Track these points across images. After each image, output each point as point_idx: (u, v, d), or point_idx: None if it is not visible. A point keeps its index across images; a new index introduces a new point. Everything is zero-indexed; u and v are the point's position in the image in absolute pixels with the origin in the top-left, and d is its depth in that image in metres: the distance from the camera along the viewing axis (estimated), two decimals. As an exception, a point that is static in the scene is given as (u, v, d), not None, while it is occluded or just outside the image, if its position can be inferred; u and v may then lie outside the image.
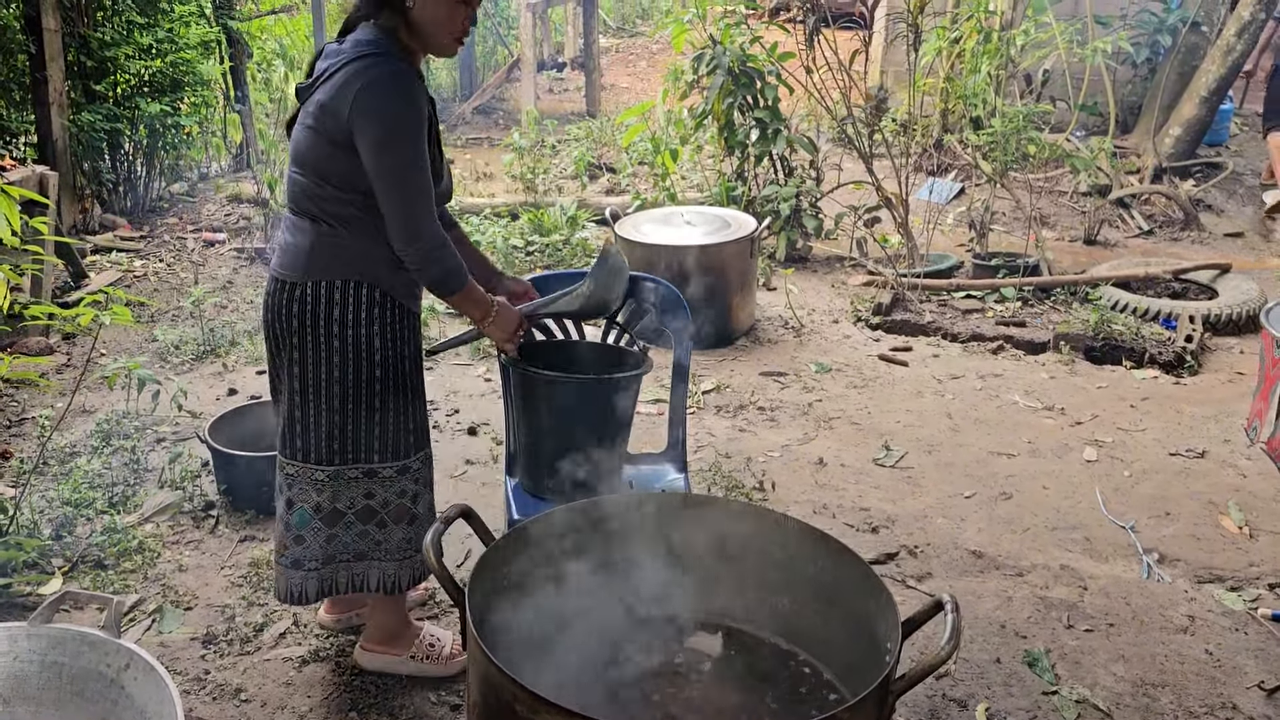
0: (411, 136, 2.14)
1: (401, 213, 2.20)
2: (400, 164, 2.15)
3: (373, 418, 2.40)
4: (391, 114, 2.12)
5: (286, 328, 2.36)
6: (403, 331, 2.40)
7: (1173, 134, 7.67)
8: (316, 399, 2.38)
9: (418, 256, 2.23)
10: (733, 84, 5.93)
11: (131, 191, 6.85)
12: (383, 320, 2.35)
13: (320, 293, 2.31)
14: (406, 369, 2.43)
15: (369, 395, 2.38)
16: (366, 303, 2.32)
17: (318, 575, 2.50)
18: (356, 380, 2.36)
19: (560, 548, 1.93)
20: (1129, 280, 5.68)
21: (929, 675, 1.60)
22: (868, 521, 3.57)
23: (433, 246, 2.24)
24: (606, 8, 14.64)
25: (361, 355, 2.35)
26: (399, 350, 2.40)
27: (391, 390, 2.40)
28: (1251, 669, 2.83)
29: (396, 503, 2.48)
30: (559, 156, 8.42)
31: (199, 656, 2.85)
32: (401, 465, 2.47)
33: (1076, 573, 3.28)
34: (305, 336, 2.34)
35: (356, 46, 2.19)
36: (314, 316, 2.33)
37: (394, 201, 2.19)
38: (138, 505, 3.58)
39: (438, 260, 2.26)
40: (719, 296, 5.00)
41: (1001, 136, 6.31)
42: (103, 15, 6.50)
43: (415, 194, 2.18)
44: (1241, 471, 3.93)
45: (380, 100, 2.11)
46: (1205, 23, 7.88)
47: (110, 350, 4.96)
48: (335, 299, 2.30)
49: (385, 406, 2.40)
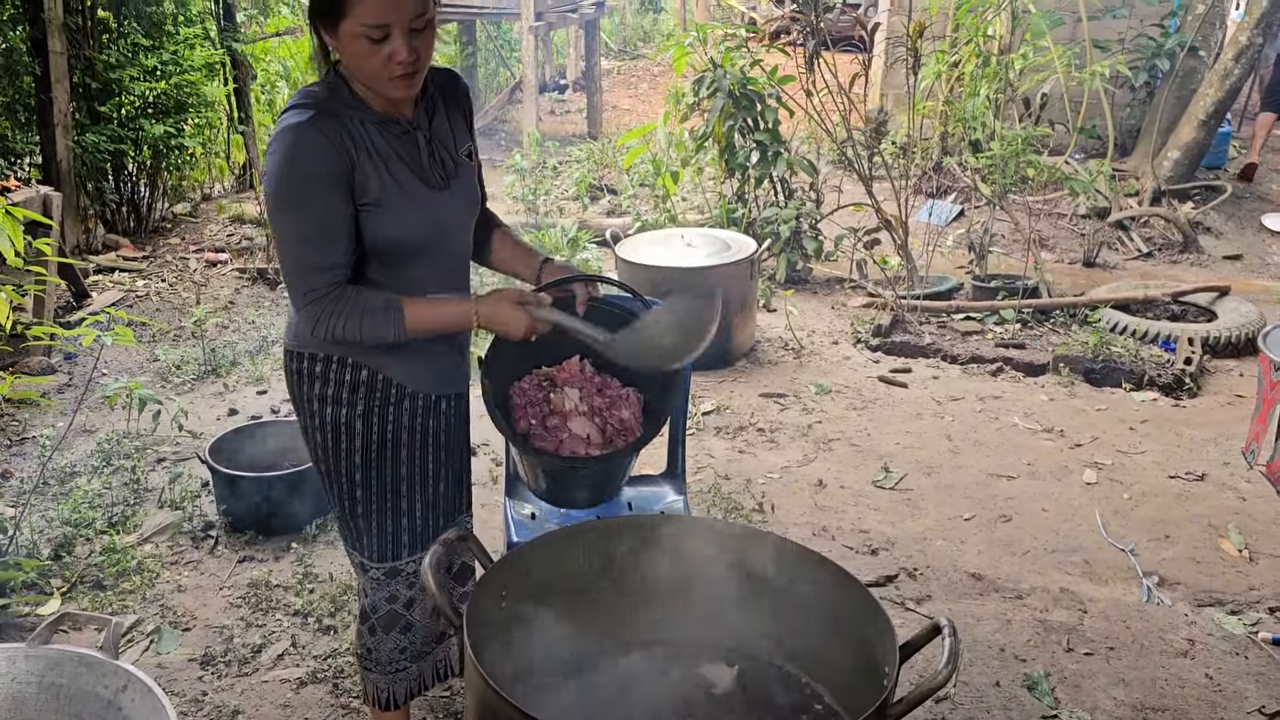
0: (294, 198, 1.88)
1: (288, 281, 1.96)
2: (280, 227, 1.92)
3: (355, 509, 2.15)
4: (272, 171, 1.88)
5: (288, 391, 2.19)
6: (397, 415, 2.09)
7: (1171, 157, 7.70)
8: (318, 469, 2.19)
9: (322, 326, 1.94)
10: (733, 107, 5.96)
11: (135, 212, 6.88)
12: (368, 402, 2.07)
13: (304, 365, 2.08)
14: (403, 457, 2.12)
15: (349, 485, 2.12)
16: (350, 382, 2.05)
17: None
18: (336, 465, 2.11)
19: (558, 571, 1.93)
20: (1128, 302, 5.70)
21: (927, 699, 1.59)
22: (867, 544, 3.57)
23: (325, 310, 1.92)
24: (608, 30, 14.74)
25: (340, 438, 2.09)
26: (393, 437, 2.10)
27: (376, 483, 2.12)
28: (1252, 693, 2.83)
29: (386, 609, 2.22)
30: (560, 178, 8.46)
31: (197, 678, 2.84)
32: (391, 568, 2.19)
33: (1076, 596, 3.27)
34: (295, 406, 2.16)
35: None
36: (296, 388, 2.12)
37: (283, 269, 1.97)
38: (137, 525, 3.58)
39: (343, 316, 1.93)
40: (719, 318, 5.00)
41: (1001, 159, 6.34)
42: (108, 38, 6.56)
43: (293, 262, 1.92)
44: (1241, 494, 3.93)
45: (270, 156, 1.89)
46: (1203, 47, 7.93)
47: (112, 370, 4.98)
48: (316, 372, 2.07)
49: (369, 501, 2.13)
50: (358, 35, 1.83)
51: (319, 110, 1.90)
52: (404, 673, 2.28)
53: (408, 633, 2.24)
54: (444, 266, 2.10)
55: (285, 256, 1.94)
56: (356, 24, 1.82)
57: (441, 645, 2.37)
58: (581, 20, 11.32)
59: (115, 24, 6.60)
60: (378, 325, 1.95)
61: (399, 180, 1.96)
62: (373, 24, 1.82)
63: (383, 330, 1.96)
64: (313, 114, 1.89)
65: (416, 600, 2.22)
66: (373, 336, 1.96)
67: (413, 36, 1.86)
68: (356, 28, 1.82)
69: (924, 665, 2.78)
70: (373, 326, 1.95)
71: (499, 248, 2.31)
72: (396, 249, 2.00)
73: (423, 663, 2.32)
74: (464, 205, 2.12)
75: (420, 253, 2.03)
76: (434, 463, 2.18)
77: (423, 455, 2.16)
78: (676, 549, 1.98)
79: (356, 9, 1.82)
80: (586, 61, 11.40)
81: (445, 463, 2.21)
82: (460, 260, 2.16)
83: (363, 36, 1.83)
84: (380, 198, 1.94)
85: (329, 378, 2.06)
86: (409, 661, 2.28)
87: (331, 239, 1.92)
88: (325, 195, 1.89)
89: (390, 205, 1.95)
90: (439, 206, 2.03)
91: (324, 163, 1.87)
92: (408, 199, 1.97)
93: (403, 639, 2.24)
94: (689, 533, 1.98)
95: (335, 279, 1.93)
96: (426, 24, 1.88)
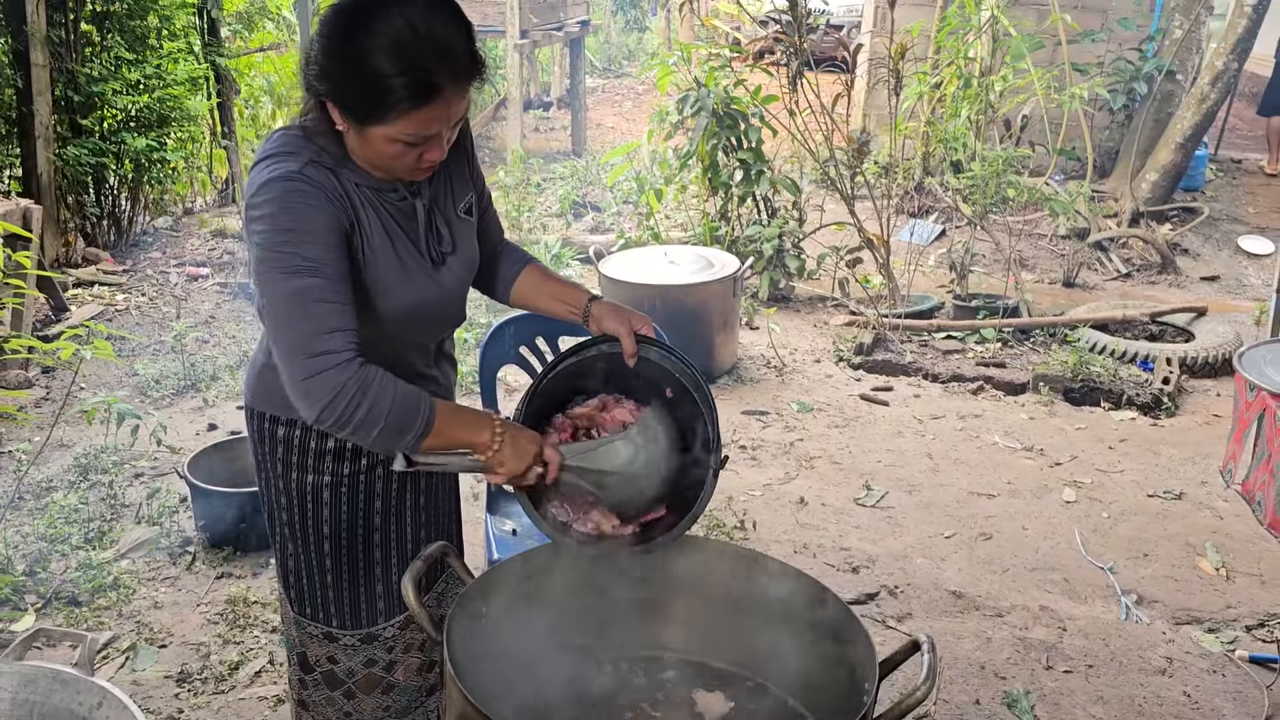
0: (295, 249, 1.59)
1: (287, 352, 1.59)
2: (274, 288, 1.60)
3: (323, 579, 1.94)
4: (265, 226, 1.61)
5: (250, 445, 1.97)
6: (370, 483, 1.90)
7: (1149, 179, 7.79)
8: (273, 532, 1.98)
9: (338, 405, 1.56)
10: (717, 125, 6.00)
11: (115, 225, 6.85)
12: (336, 472, 1.87)
13: (264, 425, 1.87)
14: (376, 525, 1.93)
15: (316, 555, 1.92)
16: (317, 450, 1.85)
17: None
18: (304, 533, 1.91)
19: (540, 588, 1.92)
20: (1107, 322, 5.75)
21: (906, 715, 1.60)
22: (848, 561, 3.58)
23: (344, 382, 1.56)
24: (593, 49, 14.81)
25: (308, 506, 1.89)
26: (365, 507, 1.91)
27: (348, 553, 1.92)
28: (1229, 711, 2.84)
29: (364, 672, 2.00)
30: (544, 195, 8.47)
31: (173, 695, 2.82)
32: (367, 634, 1.98)
33: (1056, 614, 3.29)
34: (257, 468, 1.94)
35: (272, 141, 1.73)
36: (259, 450, 1.91)
37: (279, 340, 1.61)
38: (114, 541, 3.55)
39: (369, 395, 1.57)
40: (702, 335, 5.02)
41: (981, 180, 6.40)
42: (91, 51, 6.54)
43: (297, 326, 1.58)
44: (1218, 513, 3.96)
45: (258, 210, 1.62)
46: (1180, 71, 8.04)
47: (90, 384, 4.94)
48: (279, 436, 1.86)
49: (339, 570, 1.93)
50: (392, 140, 1.63)
51: (310, 160, 1.66)
52: None
53: (390, 692, 2.04)
54: (428, 335, 1.92)
55: (284, 323, 1.59)
56: (395, 132, 1.61)
57: (433, 697, 2.13)
58: (566, 38, 11.37)
59: (98, 37, 6.59)
60: (407, 415, 1.61)
61: (400, 255, 1.74)
62: (416, 134, 1.62)
63: (409, 421, 1.61)
64: (304, 163, 1.65)
65: (399, 662, 2.02)
66: (393, 428, 1.60)
67: (449, 131, 1.67)
68: (393, 134, 1.62)
69: (905, 683, 2.78)
70: (399, 417, 1.60)
71: (531, 284, 2.04)
72: (381, 321, 1.75)
73: (412, 716, 2.11)
74: (461, 278, 1.89)
75: (410, 327, 1.83)
76: (413, 527, 1.99)
77: (399, 524, 1.97)
78: (658, 566, 1.98)
79: (399, 122, 1.60)
80: (571, 79, 11.45)
81: (426, 524, 2.02)
82: (451, 327, 1.97)
83: (399, 142, 1.63)
84: (378, 274, 1.72)
85: (292, 443, 1.85)
86: (394, 718, 2.08)
87: (343, 296, 1.62)
88: (333, 246, 1.63)
89: (390, 282, 1.74)
90: (436, 283, 1.81)
91: (327, 216, 1.63)
92: (407, 277, 1.75)
93: (385, 699, 2.04)
94: (671, 550, 1.97)
95: (351, 342, 1.59)
96: (465, 114, 1.69)
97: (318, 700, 2.03)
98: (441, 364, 1.98)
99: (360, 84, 1.59)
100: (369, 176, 1.72)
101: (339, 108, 1.63)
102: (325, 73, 1.62)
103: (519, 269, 2.04)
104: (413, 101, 1.58)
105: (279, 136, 1.72)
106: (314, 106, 1.68)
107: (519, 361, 3.00)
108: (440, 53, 1.57)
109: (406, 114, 1.59)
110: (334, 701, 2.02)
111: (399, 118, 1.59)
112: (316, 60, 1.63)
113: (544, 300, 2.03)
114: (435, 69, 1.57)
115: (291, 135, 1.71)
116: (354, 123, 1.63)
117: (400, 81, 1.56)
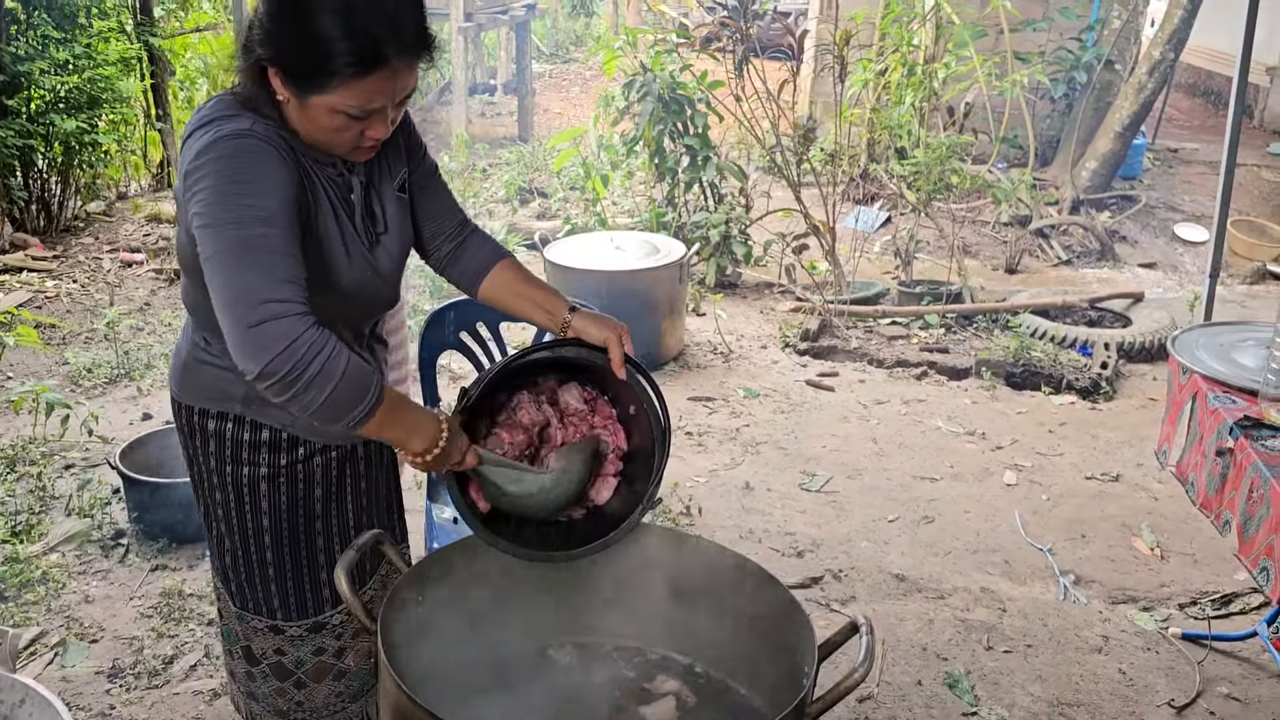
0: (246, 200, 1.52)
1: (228, 301, 1.48)
2: (222, 236, 1.51)
3: (264, 572, 1.89)
4: (212, 178, 1.54)
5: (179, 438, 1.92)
6: (308, 472, 1.86)
7: (1089, 167, 7.92)
8: (208, 527, 1.93)
9: (285, 359, 1.45)
10: (663, 111, 5.97)
11: (45, 210, 6.63)
12: (272, 464, 1.82)
13: (193, 419, 1.83)
14: (317, 512, 1.89)
15: (256, 548, 1.87)
16: (250, 442, 1.80)
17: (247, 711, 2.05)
18: (241, 526, 1.86)
19: (479, 575, 1.89)
20: (1048, 308, 5.83)
21: (845, 696, 1.60)
22: (793, 546, 3.59)
23: (296, 333, 1.46)
24: (540, 33, 14.68)
25: (244, 498, 1.84)
26: (305, 495, 1.86)
27: (289, 543, 1.88)
28: (1162, 687, 2.90)
29: (314, 661, 1.97)
30: (490, 180, 8.38)
31: (104, 691, 2.74)
32: (314, 623, 1.95)
33: (996, 595, 3.33)
34: (188, 463, 1.90)
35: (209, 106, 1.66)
36: (189, 444, 1.87)
37: (222, 290, 1.50)
38: (43, 534, 3.45)
39: (322, 356, 1.47)
40: (648, 321, 5.00)
41: (925, 167, 6.45)
42: (16, 29, 6.32)
43: (244, 276, 1.48)
44: (1153, 495, 4.04)
45: (204, 164, 1.55)
46: (1119, 61, 8.17)
47: (17, 374, 4.79)
48: (210, 430, 1.81)
49: (281, 561, 1.89)
50: (334, 111, 1.58)
51: (257, 120, 1.60)
52: (342, 713, 2.06)
53: (342, 679, 2.02)
54: (362, 317, 1.87)
55: (233, 270, 1.49)
56: (338, 101, 1.57)
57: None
58: (512, 22, 11.25)
59: (24, 15, 6.37)
60: (355, 393, 1.52)
61: (342, 231, 1.70)
62: (359, 106, 1.58)
63: (355, 399, 1.52)
64: (252, 122, 1.59)
65: (349, 648, 1.99)
66: (337, 401, 1.50)
67: (394, 109, 1.64)
68: (335, 103, 1.57)
69: (848, 664, 2.79)
70: (347, 390, 1.50)
71: (505, 284, 1.95)
72: (319, 297, 1.60)
73: (365, 700, 2.07)
74: (396, 259, 1.84)
75: (345, 307, 1.77)
76: (354, 513, 1.96)
77: (340, 511, 1.93)
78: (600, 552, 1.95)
79: (341, 90, 1.56)
80: (517, 64, 11.33)
81: (368, 509, 1.99)
82: (384, 309, 1.90)
83: (340, 114, 1.59)
84: (321, 247, 1.67)
85: (224, 436, 1.80)
86: (347, 702, 2.05)
87: (295, 251, 1.55)
88: (287, 201, 1.56)
89: (332, 257, 1.69)
90: (371, 264, 1.77)
91: (281, 172, 1.57)
92: (346, 255, 1.71)
93: (338, 685, 2.02)
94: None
95: (303, 296, 1.51)
96: (410, 93, 1.65)
97: (266, 692, 2.00)
98: (373, 344, 1.94)
99: (304, 47, 1.56)
100: (309, 150, 1.68)
101: (282, 73, 1.59)
102: (270, 36, 1.59)
103: (490, 263, 1.95)
104: (356, 69, 1.55)
105: (215, 102, 1.66)
106: (253, 75, 1.63)
107: (459, 348, 2.96)
108: (389, 22, 1.56)
109: (349, 82, 1.56)
110: (285, 692, 1.99)
111: (340, 85, 1.56)
112: (262, 22, 1.60)
113: (518, 303, 1.94)
114: (383, 38, 1.56)
115: (229, 99, 1.66)
116: (296, 90, 1.59)
117: (345, 46, 1.54)
